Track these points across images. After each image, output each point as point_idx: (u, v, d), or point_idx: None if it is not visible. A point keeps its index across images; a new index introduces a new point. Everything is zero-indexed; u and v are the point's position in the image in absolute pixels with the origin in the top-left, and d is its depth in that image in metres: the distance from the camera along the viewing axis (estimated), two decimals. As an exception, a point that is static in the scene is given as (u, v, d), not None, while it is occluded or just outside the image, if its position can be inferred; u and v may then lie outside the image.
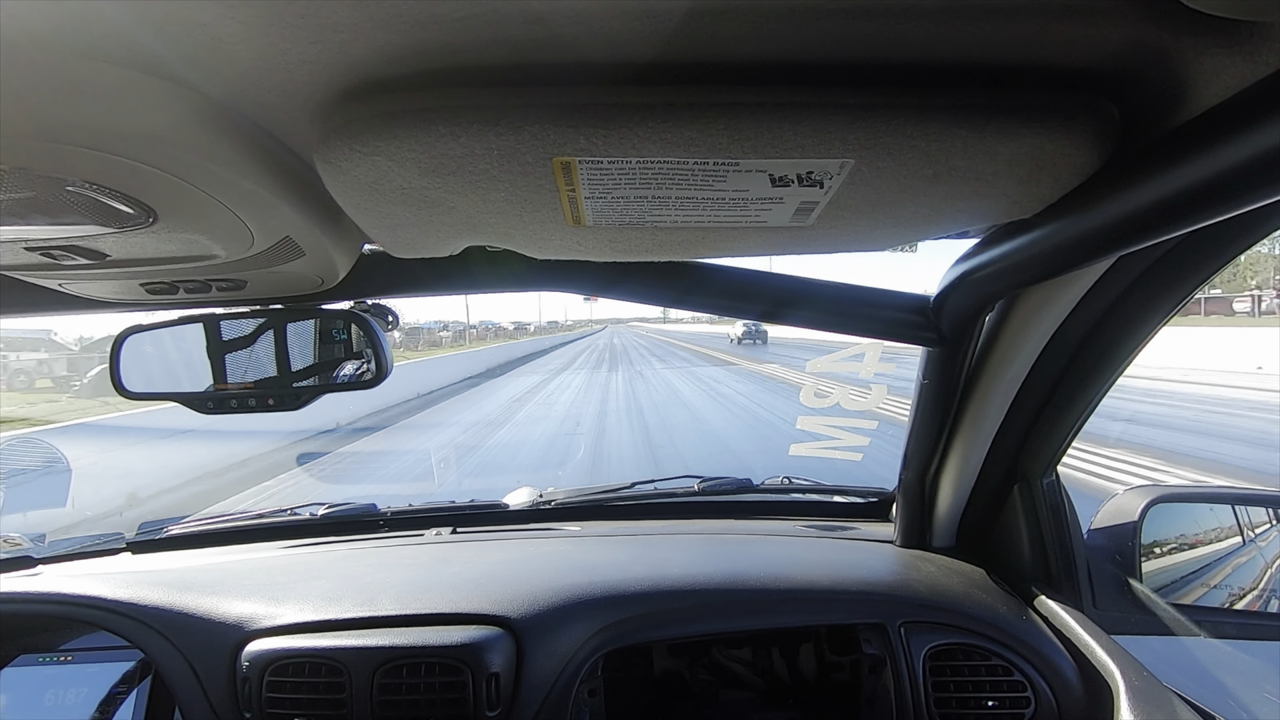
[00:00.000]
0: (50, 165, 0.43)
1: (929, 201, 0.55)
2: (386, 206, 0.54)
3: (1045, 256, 0.61)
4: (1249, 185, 0.40)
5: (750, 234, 0.62)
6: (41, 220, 0.52)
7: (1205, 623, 1.02)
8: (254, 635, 0.95)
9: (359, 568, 1.13)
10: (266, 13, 0.35)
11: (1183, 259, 0.74)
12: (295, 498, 5.20)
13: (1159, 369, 13.01)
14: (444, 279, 0.89)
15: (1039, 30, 0.39)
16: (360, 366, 0.89)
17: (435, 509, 1.41)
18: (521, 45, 0.39)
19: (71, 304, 0.86)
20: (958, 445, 1.04)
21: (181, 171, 0.46)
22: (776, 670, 1.20)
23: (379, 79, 0.42)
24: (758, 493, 1.42)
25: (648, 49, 0.40)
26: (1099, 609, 1.02)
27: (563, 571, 1.05)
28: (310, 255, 0.68)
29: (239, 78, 0.42)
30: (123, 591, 1.04)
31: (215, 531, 1.35)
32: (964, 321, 0.85)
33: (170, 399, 0.91)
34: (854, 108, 0.43)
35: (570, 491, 1.44)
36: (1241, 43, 0.38)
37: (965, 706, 0.94)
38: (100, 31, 0.36)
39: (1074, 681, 0.91)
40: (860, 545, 1.21)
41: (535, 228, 0.61)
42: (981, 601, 0.99)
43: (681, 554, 1.13)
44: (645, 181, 0.50)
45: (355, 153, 0.45)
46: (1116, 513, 1.08)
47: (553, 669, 0.93)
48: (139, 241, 0.58)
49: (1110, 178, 0.49)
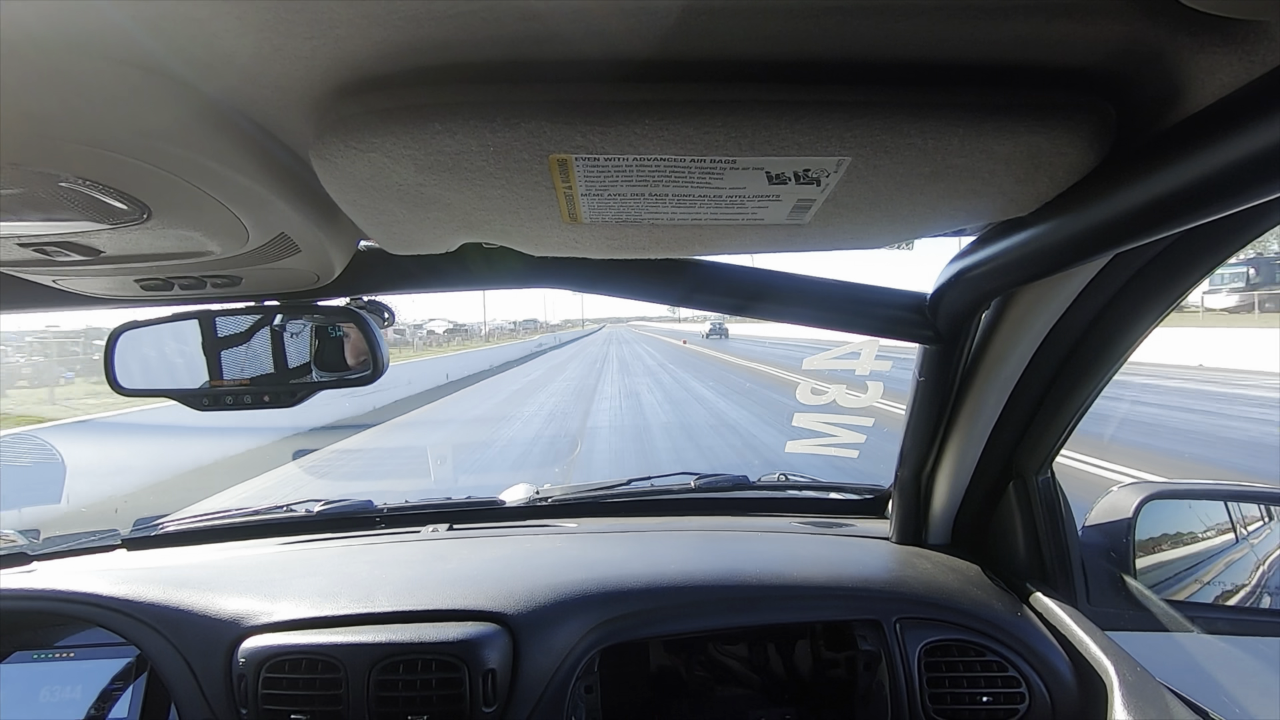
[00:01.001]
0: (43, 161, 0.43)
1: (925, 199, 0.55)
2: (382, 203, 0.54)
3: (1041, 254, 0.61)
4: (1244, 184, 0.40)
5: (747, 231, 0.62)
6: (35, 216, 0.52)
7: (1199, 618, 1.03)
8: (250, 632, 0.95)
9: (355, 564, 1.13)
10: (262, 9, 0.34)
11: (1177, 257, 0.74)
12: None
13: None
14: (440, 276, 0.89)
15: (1036, 29, 0.39)
16: (356, 363, 0.89)
17: (431, 506, 1.41)
18: (518, 41, 0.39)
19: (66, 300, 0.85)
20: (954, 442, 1.04)
21: (176, 168, 0.46)
22: (772, 666, 1.20)
23: (375, 75, 0.42)
24: (754, 489, 1.43)
25: (644, 46, 0.40)
26: (1093, 605, 1.03)
27: (559, 568, 1.05)
28: (306, 252, 0.68)
29: (234, 74, 0.41)
30: (118, 588, 1.04)
31: (211, 528, 1.35)
32: (960, 319, 0.85)
33: (165, 396, 0.91)
34: (851, 105, 0.43)
35: (566, 488, 1.44)
36: (1238, 42, 0.38)
37: (960, 702, 0.94)
38: (95, 27, 0.35)
39: (1068, 677, 0.91)
40: (856, 542, 1.21)
41: (531, 225, 0.60)
42: (976, 598, 1.00)
43: (678, 550, 1.14)
44: (642, 179, 0.50)
45: (351, 149, 0.44)
46: (1111, 509, 1.08)
47: (549, 665, 0.93)
48: (133, 238, 0.58)
49: (1106, 176, 0.49)
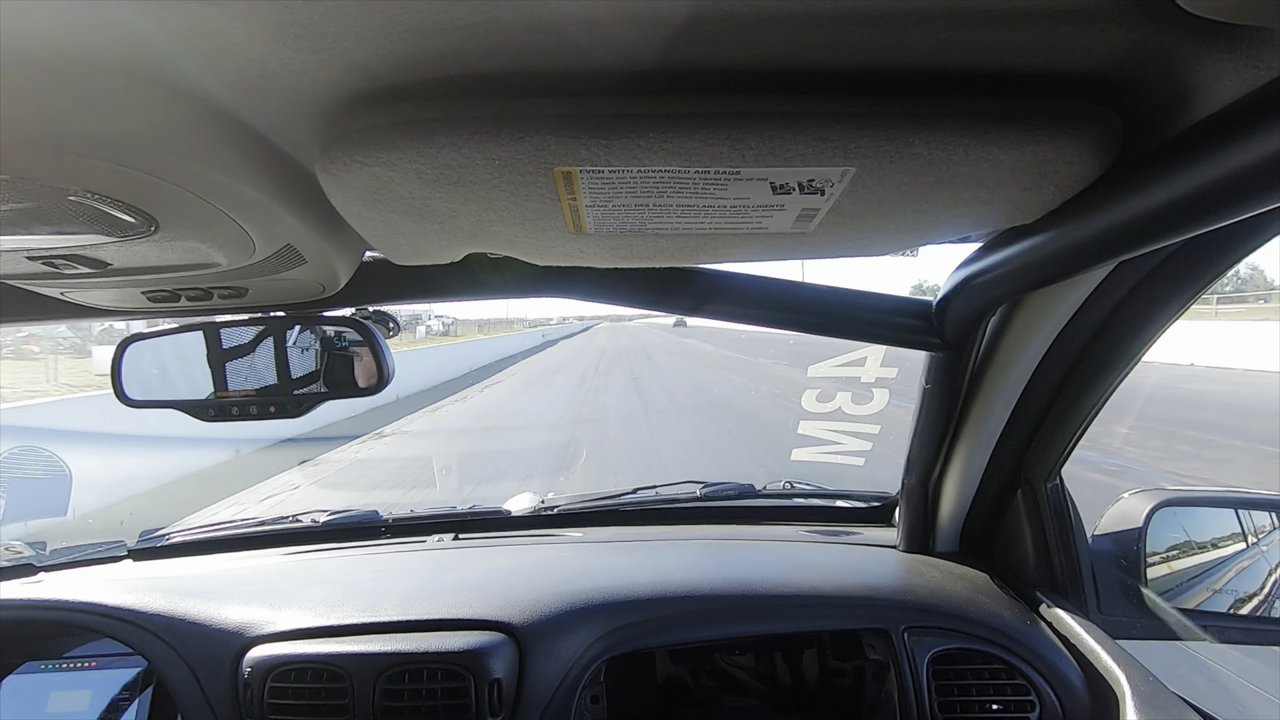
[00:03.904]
0: (52, 174, 0.43)
1: (930, 208, 0.54)
2: (387, 215, 0.54)
3: (1047, 262, 0.61)
4: (1250, 192, 0.40)
5: (752, 240, 0.62)
6: (43, 230, 0.52)
7: (1211, 627, 1.01)
8: (256, 641, 0.95)
9: (361, 574, 1.13)
10: (268, 21, 0.35)
11: (1185, 263, 0.74)
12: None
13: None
14: (445, 286, 0.89)
15: (1040, 37, 0.39)
16: (361, 373, 0.89)
17: (437, 515, 1.41)
18: (523, 53, 0.39)
19: (73, 312, 0.86)
20: (961, 449, 1.04)
21: (183, 180, 0.46)
22: (779, 676, 1.19)
23: (381, 88, 0.42)
24: (760, 498, 1.42)
25: (649, 57, 0.40)
26: (1104, 614, 1.02)
27: (565, 577, 1.05)
28: (312, 263, 0.68)
29: (241, 86, 0.42)
30: (124, 598, 1.04)
31: (216, 539, 1.35)
32: (967, 326, 0.85)
33: (172, 407, 0.91)
34: (855, 116, 0.43)
35: (572, 497, 1.44)
36: (1243, 48, 0.38)
37: (969, 711, 0.93)
38: (103, 39, 0.36)
39: (1079, 687, 0.90)
40: (863, 550, 1.21)
41: (536, 236, 0.60)
42: (985, 606, 0.99)
43: (684, 559, 1.13)
44: (646, 190, 0.50)
45: (356, 163, 0.45)
46: (1121, 517, 1.07)
47: (555, 675, 0.92)
48: (141, 250, 0.58)
49: (1112, 184, 0.49)
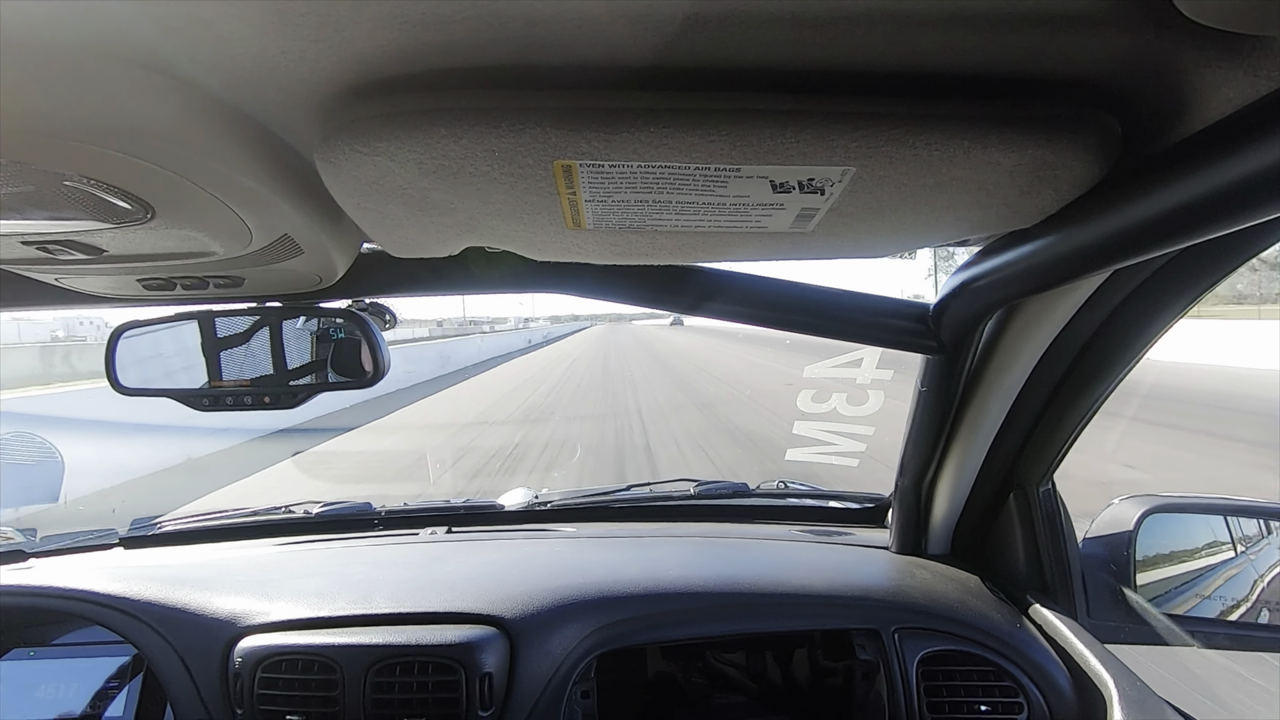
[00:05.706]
0: (48, 159, 0.43)
1: (930, 210, 0.55)
2: (386, 207, 0.54)
3: (1044, 267, 0.61)
4: (1249, 201, 0.40)
5: (751, 239, 0.62)
6: (39, 215, 0.52)
7: (1198, 633, 1.02)
8: (247, 631, 0.95)
9: (353, 566, 1.13)
10: (268, 10, 0.35)
11: (1180, 271, 0.74)
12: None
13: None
14: (443, 279, 0.89)
15: (1042, 41, 0.39)
16: (357, 365, 0.89)
17: (430, 509, 1.41)
18: (524, 46, 0.39)
19: (68, 298, 0.85)
20: (955, 452, 1.04)
21: (180, 168, 0.46)
22: (770, 675, 1.20)
23: (380, 79, 0.42)
24: (753, 497, 1.42)
25: (650, 53, 0.40)
26: (1093, 618, 1.03)
27: (557, 572, 1.05)
28: (309, 253, 0.68)
29: (240, 74, 0.41)
30: (115, 586, 1.03)
31: (209, 528, 1.35)
32: (963, 330, 0.85)
33: (166, 396, 0.91)
34: (856, 116, 0.43)
35: (566, 493, 1.44)
36: (1244, 57, 0.38)
37: (958, 712, 0.94)
38: (102, 26, 0.35)
39: (1067, 690, 0.91)
40: (855, 551, 1.21)
41: (535, 230, 0.60)
42: (975, 608, 0.99)
43: (676, 557, 1.13)
44: (646, 186, 0.50)
45: (355, 153, 0.44)
46: (1112, 522, 1.08)
47: (546, 670, 0.92)
48: (137, 237, 0.58)
49: (1111, 190, 0.49)
